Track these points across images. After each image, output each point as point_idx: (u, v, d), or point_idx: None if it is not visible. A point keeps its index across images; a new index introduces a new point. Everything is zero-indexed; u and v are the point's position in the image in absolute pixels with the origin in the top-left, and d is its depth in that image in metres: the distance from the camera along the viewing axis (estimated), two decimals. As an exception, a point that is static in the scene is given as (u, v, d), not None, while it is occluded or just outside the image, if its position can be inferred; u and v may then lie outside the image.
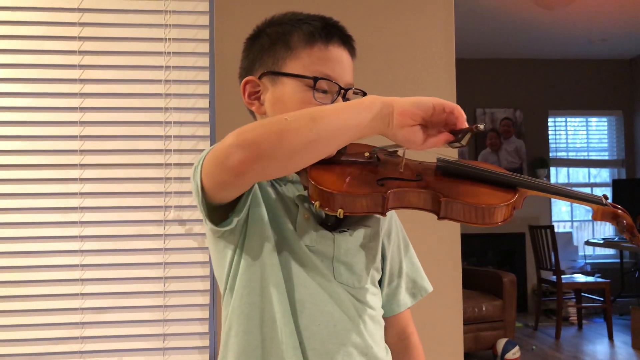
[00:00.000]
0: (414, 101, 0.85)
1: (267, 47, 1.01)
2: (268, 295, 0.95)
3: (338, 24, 1.03)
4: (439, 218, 0.87)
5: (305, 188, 0.92)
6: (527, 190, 0.91)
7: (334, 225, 1.00)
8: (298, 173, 0.99)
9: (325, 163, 0.94)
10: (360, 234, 1.01)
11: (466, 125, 0.85)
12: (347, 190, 0.87)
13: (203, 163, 0.89)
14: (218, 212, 0.93)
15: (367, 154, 0.97)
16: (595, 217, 0.92)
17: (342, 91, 0.99)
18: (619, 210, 0.91)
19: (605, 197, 0.93)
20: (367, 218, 1.04)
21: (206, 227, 0.96)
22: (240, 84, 1.04)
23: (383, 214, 0.87)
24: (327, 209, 0.87)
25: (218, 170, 0.85)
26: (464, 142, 0.85)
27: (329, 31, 1.00)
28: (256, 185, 0.98)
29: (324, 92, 0.98)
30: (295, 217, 0.98)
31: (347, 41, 1.03)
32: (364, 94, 1.01)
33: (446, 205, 0.86)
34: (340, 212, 0.86)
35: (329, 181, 0.88)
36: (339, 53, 1.00)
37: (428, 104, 0.84)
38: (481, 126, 0.83)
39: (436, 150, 0.93)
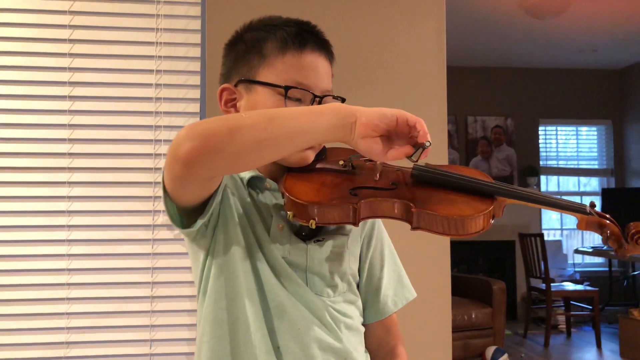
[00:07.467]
0: (378, 113, 0.83)
1: (242, 55, 0.99)
2: (240, 300, 0.94)
3: (314, 29, 1.00)
4: (412, 228, 0.85)
5: (284, 196, 0.91)
6: (506, 199, 0.88)
7: (309, 235, 0.98)
8: (277, 181, 0.98)
9: (302, 172, 0.93)
10: (335, 243, 1.00)
11: (427, 140, 0.84)
12: (319, 200, 0.85)
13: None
14: (192, 216, 0.92)
15: (341, 162, 0.95)
16: (580, 227, 0.88)
17: (317, 99, 0.97)
18: (606, 220, 0.87)
19: (592, 204, 0.89)
20: (343, 226, 1.02)
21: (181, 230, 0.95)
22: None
23: (355, 224, 0.86)
24: (299, 219, 0.86)
25: (170, 161, 0.83)
26: (414, 157, 0.85)
27: (303, 37, 0.97)
28: (228, 191, 0.96)
29: (297, 100, 0.95)
30: (269, 227, 0.97)
31: (323, 46, 1.00)
32: (343, 101, 0.98)
33: (418, 216, 0.84)
34: (312, 223, 0.84)
35: (301, 191, 0.87)
36: (313, 59, 0.97)
37: (392, 117, 0.83)
38: (427, 143, 0.83)
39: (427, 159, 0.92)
